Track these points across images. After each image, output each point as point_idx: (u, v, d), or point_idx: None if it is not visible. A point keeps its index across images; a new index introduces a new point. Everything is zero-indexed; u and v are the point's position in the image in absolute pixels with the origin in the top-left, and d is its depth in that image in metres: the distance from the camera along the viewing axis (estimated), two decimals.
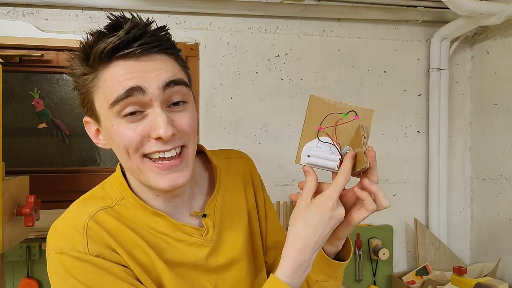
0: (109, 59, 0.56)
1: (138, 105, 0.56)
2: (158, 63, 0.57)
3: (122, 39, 0.55)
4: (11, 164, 1.52)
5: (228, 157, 0.79)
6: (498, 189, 1.69)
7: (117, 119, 0.57)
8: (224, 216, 0.72)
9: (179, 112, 0.59)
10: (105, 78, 0.56)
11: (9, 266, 1.47)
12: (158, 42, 0.58)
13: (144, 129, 0.56)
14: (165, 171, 0.58)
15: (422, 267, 1.66)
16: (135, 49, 0.55)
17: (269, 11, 1.64)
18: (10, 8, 1.52)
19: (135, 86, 0.55)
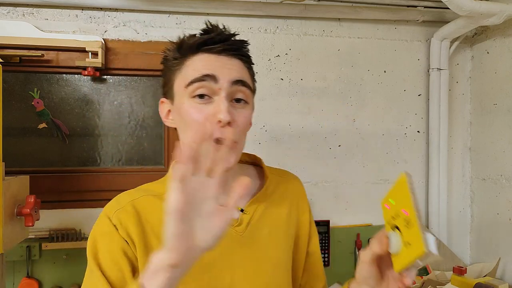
0: (196, 50, 0.69)
1: (208, 90, 0.66)
2: (234, 63, 0.69)
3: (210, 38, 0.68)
4: (11, 164, 1.52)
5: (281, 175, 0.86)
6: (498, 189, 1.69)
7: (189, 99, 0.67)
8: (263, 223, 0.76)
9: (239, 108, 0.68)
10: (189, 63, 0.69)
11: (9, 266, 1.47)
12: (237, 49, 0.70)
13: (208, 112, 0.65)
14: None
15: (422, 267, 1.66)
16: (218, 46, 0.68)
17: (269, 11, 1.64)
18: (10, 8, 1.52)
19: (210, 74, 0.65)
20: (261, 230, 0.76)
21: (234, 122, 0.66)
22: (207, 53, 0.68)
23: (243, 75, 0.69)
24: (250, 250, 0.74)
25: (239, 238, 0.73)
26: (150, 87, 1.65)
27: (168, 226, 0.51)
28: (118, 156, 1.64)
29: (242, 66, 0.71)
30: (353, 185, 1.78)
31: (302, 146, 1.71)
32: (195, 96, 0.67)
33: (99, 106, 1.62)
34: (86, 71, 1.51)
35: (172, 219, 0.50)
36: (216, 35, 0.69)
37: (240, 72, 0.69)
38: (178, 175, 0.49)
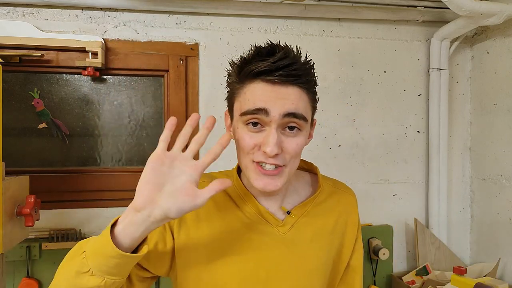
0: (254, 78, 0.70)
1: (261, 121, 0.69)
2: (289, 92, 0.69)
3: (268, 67, 0.67)
4: (11, 164, 1.52)
5: (335, 186, 0.88)
6: (498, 189, 1.69)
7: (243, 125, 0.72)
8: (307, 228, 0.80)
9: (291, 136, 0.71)
10: (246, 91, 0.71)
11: (9, 266, 1.47)
12: (296, 76, 0.68)
13: (257, 140, 0.70)
14: (263, 176, 0.71)
15: (422, 267, 1.66)
16: (274, 78, 0.67)
17: (269, 11, 1.64)
18: (10, 8, 1.52)
19: (262, 108, 0.68)
20: (304, 234, 0.79)
21: (283, 152, 0.70)
22: (263, 82, 0.69)
23: (298, 106, 0.69)
24: (290, 251, 0.77)
25: (281, 238, 0.77)
26: (150, 87, 1.65)
27: (143, 171, 0.61)
28: (118, 156, 1.64)
29: (298, 95, 0.70)
30: (353, 185, 1.78)
31: None
32: (248, 123, 0.70)
33: (99, 106, 1.62)
34: (86, 71, 1.51)
35: (146, 168, 0.61)
36: (274, 62, 0.67)
37: (295, 102, 0.69)
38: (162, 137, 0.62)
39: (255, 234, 0.77)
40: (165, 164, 0.61)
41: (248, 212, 0.78)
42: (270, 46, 0.70)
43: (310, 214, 0.81)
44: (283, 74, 0.67)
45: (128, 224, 0.61)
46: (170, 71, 1.61)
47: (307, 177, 0.88)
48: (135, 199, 0.61)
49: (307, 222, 0.80)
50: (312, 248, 0.79)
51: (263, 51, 0.70)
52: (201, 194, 0.61)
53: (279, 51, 0.69)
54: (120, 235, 0.60)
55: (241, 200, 0.80)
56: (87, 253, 0.61)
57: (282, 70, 0.67)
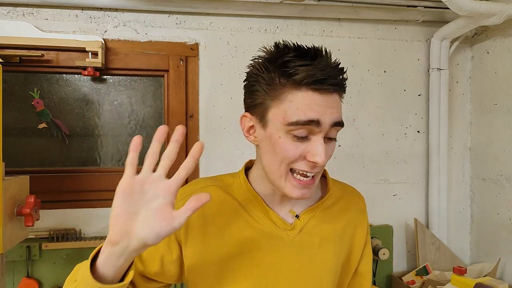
0: (301, 85, 0.65)
1: (309, 131, 0.66)
2: (335, 101, 0.67)
3: (320, 75, 0.64)
4: (11, 164, 1.52)
5: (344, 190, 0.87)
6: (498, 189, 1.69)
7: (286, 134, 0.67)
8: (316, 232, 0.79)
9: (328, 144, 0.69)
10: (292, 99, 0.66)
11: (9, 266, 1.47)
12: (340, 84, 0.68)
13: (304, 150, 0.67)
14: (301, 187, 0.70)
15: (422, 267, 1.66)
16: (326, 87, 0.65)
17: (269, 11, 1.64)
18: (10, 8, 1.52)
19: (315, 119, 0.65)
20: (312, 238, 0.78)
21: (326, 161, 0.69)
22: (311, 91, 0.65)
23: (340, 114, 0.69)
24: (299, 255, 0.76)
25: (290, 242, 0.76)
26: (150, 87, 1.65)
27: (113, 204, 0.57)
28: (118, 156, 1.64)
29: (339, 102, 0.69)
30: (353, 185, 1.77)
31: None
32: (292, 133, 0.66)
33: (99, 106, 1.62)
34: (86, 71, 1.51)
35: (116, 199, 0.57)
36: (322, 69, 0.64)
37: (339, 111, 0.69)
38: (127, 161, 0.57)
39: (264, 239, 0.76)
40: (136, 191, 0.57)
41: (257, 216, 0.77)
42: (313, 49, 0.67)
43: (318, 218, 0.80)
44: (334, 83, 0.65)
45: (108, 256, 0.58)
46: (170, 71, 1.61)
47: None
48: (110, 233, 0.57)
49: (315, 226, 0.79)
50: (321, 253, 0.78)
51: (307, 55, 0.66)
52: (177, 215, 0.57)
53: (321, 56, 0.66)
54: (102, 267, 0.58)
55: (250, 204, 0.78)
56: (78, 282, 0.60)
57: (333, 79, 0.65)
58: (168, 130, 0.58)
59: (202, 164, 1.65)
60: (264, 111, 0.69)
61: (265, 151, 0.72)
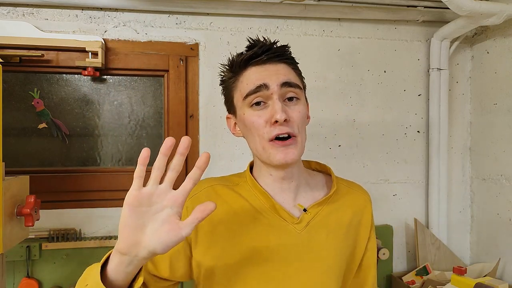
0: (245, 66, 0.78)
1: (263, 97, 0.75)
2: (279, 68, 0.78)
3: (254, 52, 0.78)
4: (11, 164, 1.52)
5: (350, 187, 0.92)
6: (498, 189, 1.69)
7: (248, 109, 0.77)
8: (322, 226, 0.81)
9: (292, 105, 0.77)
10: (242, 79, 0.78)
11: (9, 266, 1.47)
12: (279, 54, 0.78)
13: (266, 116, 0.75)
14: (281, 148, 0.75)
15: (422, 267, 1.66)
16: (262, 57, 0.77)
17: (269, 11, 1.64)
18: (10, 8, 1.52)
19: (262, 84, 0.75)
20: (319, 231, 0.81)
21: (290, 119, 0.75)
22: (255, 66, 0.78)
23: (290, 77, 0.77)
24: (306, 248, 0.80)
25: (297, 235, 0.79)
26: (150, 87, 1.65)
27: (121, 215, 0.59)
28: (118, 156, 1.64)
29: (287, 68, 0.79)
30: None
31: None
32: (253, 105, 0.76)
33: (99, 106, 1.62)
34: (86, 71, 1.51)
35: (124, 210, 0.59)
36: (259, 48, 0.78)
37: (286, 74, 0.77)
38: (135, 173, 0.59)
39: (272, 233, 0.79)
40: (143, 203, 0.59)
41: (264, 211, 0.80)
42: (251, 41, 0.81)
43: (325, 213, 0.83)
44: (270, 53, 0.77)
45: (118, 264, 0.60)
46: (170, 71, 1.61)
47: (320, 177, 0.91)
48: (118, 243, 0.60)
49: (322, 220, 0.82)
50: (327, 247, 0.81)
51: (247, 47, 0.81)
52: (184, 226, 0.59)
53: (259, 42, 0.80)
54: (112, 273, 0.61)
55: (256, 200, 0.82)
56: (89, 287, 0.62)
57: (268, 51, 0.77)
58: (175, 142, 0.59)
59: None
60: (232, 103, 0.82)
61: (245, 135, 0.81)
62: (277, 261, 0.77)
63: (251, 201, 0.81)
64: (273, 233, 0.78)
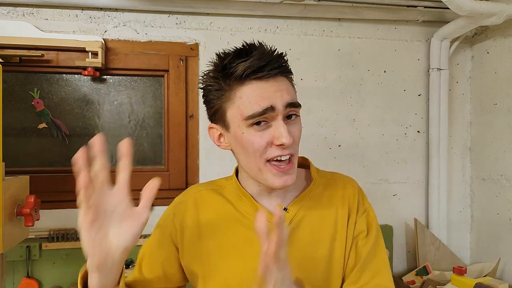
0: (244, 80, 0.69)
1: (266, 118, 0.70)
2: (281, 84, 0.71)
3: (257, 64, 0.68)
4: (11, 164, 1.52)
5: (333, 178, 0.87)
6: (498, 189, 1.69)
7: (248, 128, 0.70)
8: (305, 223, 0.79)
9: (293, 124, 0.73)
10: (241, 95, 0.70)
11: (9, 266, 1.47)
12: (281, 67, 0.71)
13: (268, 137, 0.70)
14: (281, 174, 0.72)
15: (422, 267, 1.66)
16: (267, 73, 0.69)
17: (269, 11, 1.64)
18: (10, 8, 1.52)
19: (269, 106, 0.68)
20: (303, 229, 0.78)
21: (293, 140, 0.71)
22: (255, 81, 0.69)
23: (293, 95, 0.73)
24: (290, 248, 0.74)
25: None
26: (150, 87, 1.65)
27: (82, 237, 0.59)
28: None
29: (287, 83, 0.73)
30: None
31: (302, 146, 1.69)
32: (253, 125, 0.70)
33: (99, 106, 1.62)
34: (86, 71, 1.51)
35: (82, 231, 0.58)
36: (259, 58, 0.68)
37: (290, 92, 0.72)
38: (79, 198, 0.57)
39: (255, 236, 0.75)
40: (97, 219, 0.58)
41: (247, 213, 0.80)
42: (247, 46, 0.71)
43: (307, 208, 0.80)
44: (273, 68, 0.69)
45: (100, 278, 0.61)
46: (170, 71, 1.61)
47: (301, 172, 0.87)
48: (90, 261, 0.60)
49: (305, 216, 0.80)
50: (312, 243, 0.78)
51: (243, 52, 0.70)
52: (142, 210, 0.61)
53: (255, 49, 0.70)
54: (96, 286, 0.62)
55: (241, 202, 0.81)
56: None
57: (270, 65, 0.69)
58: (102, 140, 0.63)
59: (202, 164, 1.65)
60: (223, 115, 0.74)
61: (238, 152, 0.76)
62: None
63: (237, 204, 0.81)
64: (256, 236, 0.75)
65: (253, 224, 0.76)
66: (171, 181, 1.62)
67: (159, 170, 1.63)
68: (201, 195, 0.84)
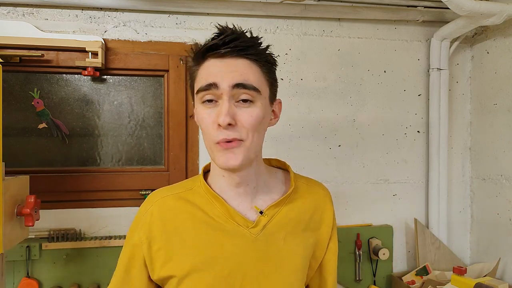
0: (204, 57, 0.73)
1: (214, 96, 0.71)
2: (238, 65, 0.71)
3: (215, 42, 0.71)
4: (11, 164, 1.52)
5: (309, 184, 0.87)
6: (498, 189, 1.69)
7: (200, 104, 0.73)
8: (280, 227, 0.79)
9: (244, 108, 0.71)
10: (200, 71, 0.74)
11: (9, 266, 1.47)
12: (243, 48, 0.71)
13: (213, 116, 0.70)
14: (224, 151, 0.71)
15: (422, 267, 1.66)
16: (221, 50, 0.70)
17: (269, 11, 1.64)
18: (10, 8, 1.52)
19: (212, 83, 0.70)
20: (277, 234, 0.78)
21: (237, 124, 0.70)
22: (213, 58, 0.72)
23: (247, 77, 0.70)
24: (263, 253, 0.76)
25: (253, 240, 0.76)
26: (150, 87, 1.65)
27: None
28: (118, 156, 1.63)
29: (248, 66, 0.71)
30: (353, 185, 1.78)
31: (302, 146, 1.71)
32: (205, 102, 0.72)
33: (99, 106, 1.62)
34: (86, 71, 1.51)
35: None
36: (220, 39, 0.71)
37: (243, 74, 0.70)
38: None
39: (226, 239, 0.75)
40: None
41: (218, 217, 0.77)
42: (219, 28, 0.74)
43: (283, 214, 0.80)
44: (230, 46, 0.70)
45: None
46: (170, 71, 1.61)
47: (280, 175, 0.87)
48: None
49: (280, 221, 0.79)
50: (286, 248, 0.78)
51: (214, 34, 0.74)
52: None
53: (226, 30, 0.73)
54: None
55: (210, 205, 0.78)
56: None
57: (229, 44, 0.70)
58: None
59: (202, 164, 1.65)
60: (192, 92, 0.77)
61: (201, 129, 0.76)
62: (233, 268, 0.74)
63: (204, 207, 0.78)
64: (227, 239, 0.75)
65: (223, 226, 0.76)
66: (171, 181, 1.62)
67: (159, 170, 1.63)
68: (166, 202, 0.80)
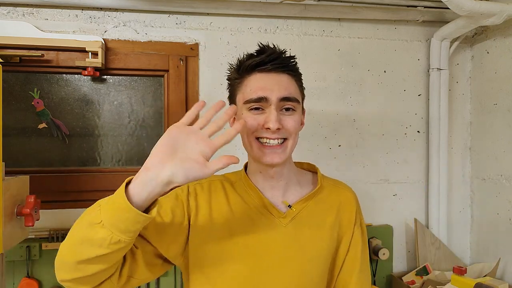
0: (251, 71, 0.84)
1: (262, 106, 0.82)
2: (282, 80, 0.83)
3: (261, 59, 0.82)
4: (11, 164, 1.52)
5: (336, 185, 0.97)
6: (498, 189, 1.69)
7: (246, 111, 0.83)
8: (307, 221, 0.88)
9: (288, 116, 0.83)
10: (246, 83, 0.84)
11: (9, 266, 1.47)
12: (284, 65, 0.84)
13: (261, 120, 0.82)
14: (268, 151, 0.83)
15: (422, 267, 1.66)
16: (268, 66, 0.82)
17: (269, 11, 1.64)
18: (10, 8, 1.52)
19: (263, 97, 0.81)
20: (304, 226, 0.87)
21: (283, 128, 0.82)
22: (260, 73, 0.83)
23: (290, 90, 0.83)
24: (290, 241, 0.85)
25: (282, 228, 0.86)
26: (150, 87, 1.65)
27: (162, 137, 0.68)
28: (118, 156, 1.63)
29: (289, 80, 0.84)
30: (353, 185, 1.77)
31: (302, 146, 1.71)
32: (252, 109, 0.82)
33: (99, 106, 1.62)
34: (86, 71, 1.51)
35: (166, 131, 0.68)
36: (267, 55, 0.82)
37: (287, 87, 0.83)
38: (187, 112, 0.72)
39: (259, 225, 0.86)
40: (183, 133, 0.67)
41: (253, 204, 0.88)
42: (261, 46, 0.86)
43: (310, 209, 0.90)
44: (275, 63, 0.82)
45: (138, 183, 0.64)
46: (170, 71, 1.61)
47: (309, 176, 0.98)
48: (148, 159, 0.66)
49: (307, 215, 0.89)
50: (311, 240, 0.87)
51: (256, 51, 0.85)
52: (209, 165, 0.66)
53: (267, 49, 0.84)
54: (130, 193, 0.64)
55: (247, 194, 0.89)
56: (102, 206, 0.66)
57: (274, 61, 0.82)
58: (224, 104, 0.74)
59: None
60: (234, 99, 0.88)
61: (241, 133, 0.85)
62: (265, 253, 0.84)
63: (245, 197, 0.89)
64: (262, 227, 0.85)
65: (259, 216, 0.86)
66: None
67: None
68: (221, 182, 0.93)
